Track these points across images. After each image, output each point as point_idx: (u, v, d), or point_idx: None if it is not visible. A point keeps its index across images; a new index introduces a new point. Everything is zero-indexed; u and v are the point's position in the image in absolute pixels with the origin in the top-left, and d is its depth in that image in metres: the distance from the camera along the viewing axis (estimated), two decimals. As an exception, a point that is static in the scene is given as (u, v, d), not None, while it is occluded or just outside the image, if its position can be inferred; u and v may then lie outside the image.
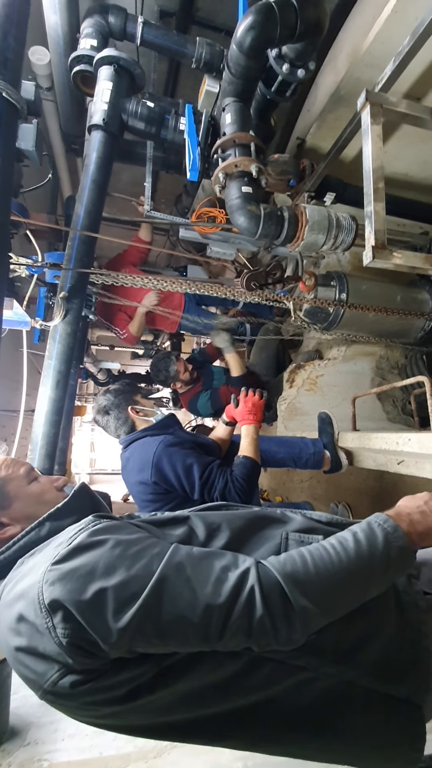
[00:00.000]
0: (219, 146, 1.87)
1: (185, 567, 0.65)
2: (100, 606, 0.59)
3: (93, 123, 2.01)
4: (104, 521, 0.71)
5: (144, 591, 0.60)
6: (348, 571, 0.67)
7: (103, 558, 0.63)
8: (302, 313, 2.47)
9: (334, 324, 2.44)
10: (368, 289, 2.43)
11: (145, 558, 0.65)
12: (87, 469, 9.56)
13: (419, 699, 0.74)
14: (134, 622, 0.59)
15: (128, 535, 0.69)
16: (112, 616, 0.59)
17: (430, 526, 0.75)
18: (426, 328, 2.55)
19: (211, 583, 0.63)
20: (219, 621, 0.61)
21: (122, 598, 0.60)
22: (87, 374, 4.18)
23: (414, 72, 1.88)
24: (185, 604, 0.61)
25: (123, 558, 0.64)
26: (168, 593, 0.61)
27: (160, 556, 0.65)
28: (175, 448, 1.57)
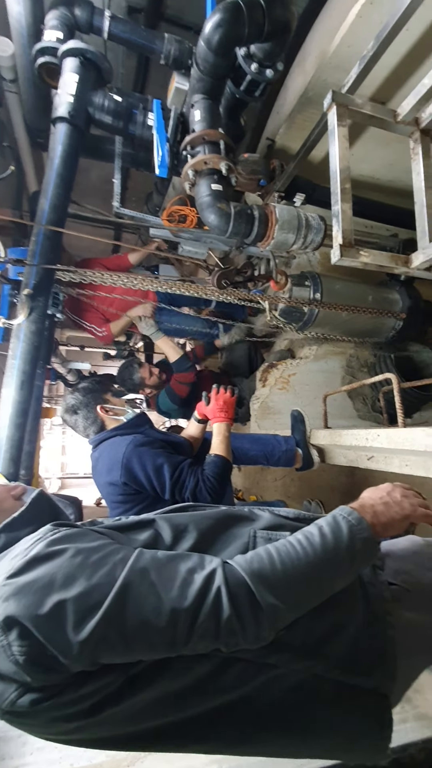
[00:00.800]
0: (188, 143, 1.86)
1: (149, 572, 0.63)
2: (59, 619, 0.56)
3: (58, 115, 1.95)
4: (63, 530, 0.68)
5: (106, 600, 0.58)
6: (314, 565, 0.66)
7: (62, 568, 0.60)
8: (278, 313, 2.48)
9: (309, 323, 2.47)
10: (341, 288, 2.48)
11: (107, 565, 0.62)
12: (58, 473, 9.30)
13: (386, 688, 0.74)
14: (96, 633, 0.56)
15: (89, 542, 0.66)
16: (73, 629, 0.56)
17: (393, 517, 0.76)
18: (397, 327, 2.61)
19: (176, 587, 0.61)
20: (185, 625, 0.59)
21: (83, 609, 0.57)
22: (56, 375, 4.06)
23: (379, 76, 1.93)
24: (150, 609, 0.59)
25: (83, 567, 0.61)
26: (132, 600, 0.59)
27: (124, 562, 0.63)
28: (145, 448, 1.54)
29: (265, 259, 2.87)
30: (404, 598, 0.83)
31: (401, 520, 0.75)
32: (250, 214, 1.88)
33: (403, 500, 0.78)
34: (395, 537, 0.89)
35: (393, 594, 0.82)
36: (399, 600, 0.82)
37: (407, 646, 0.78)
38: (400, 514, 0.76)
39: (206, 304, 3.46)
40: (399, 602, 0.82)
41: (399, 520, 0.75)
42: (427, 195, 1.55)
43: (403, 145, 1.94)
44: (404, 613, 0.82)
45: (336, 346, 2.91)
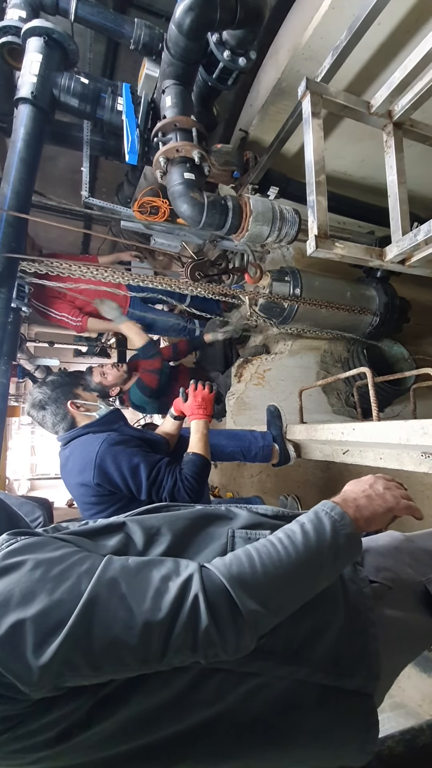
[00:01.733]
0: (159, 129, 1.80)
1: (119, 582, 0.57)
2: (17, 642, 0.50)
3: (20, 96, 1.84)
4: (21, 539, 0.61)
5: (70, 617, 0.52)
6: (297, 565, 0.63)
7: (19, 584, 0.54)
8: (258, 308, 2.46)
9: (289, 319, 2.46)
10: (321, 285, 2.48)
11: (71, 578, 0.56)
12: (27, 474, 8.98)
13: (370, 688, 0.72)
14: (60, 656, 0.50)
15: (51, 552, 0.59)
16: (33, 652, 0.50)
17: (375, 510, 0.73)
18: (374, 323, 2.64)
19: (149, 598, 0.56)
20: (160, 639, 0.54)
21: (44, 630, 0.51)
22: (23, 372, 3.89)
23: (352, 68, 1.92)
24: (120, 625, 0.53)
25: (44, 581, 0.54)
26: (99, 616, 0.53)
27: (90, 574, 0.57)
28: (119, 447, 1.47)
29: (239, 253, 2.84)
30: (385, 596, 0.82)
31: (384, 513, 0.73)
32: (224, 205, 1.84)
33: (386, 492, 0.76)
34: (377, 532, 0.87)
35: (374, 591, 0.80)
36: (380, 598, 0.81)
37: (389, 644, 0.77)
38: (383, 507, 0.73)
39: (181, 300, 3.39)
40: (380, 600, 0.80)
41: (382, 513, 0.73)
42: (400, 189, 1.56)
43: (375, 141, 1.94)
44: (385, 610, 0.80)
45: (311, 342, 2.93)
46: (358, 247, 1.47)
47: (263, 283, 2.34)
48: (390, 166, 1.57)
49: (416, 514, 0.76)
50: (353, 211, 2.73)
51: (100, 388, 2.79)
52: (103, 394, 2.82)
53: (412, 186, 1.72)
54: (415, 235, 1.30)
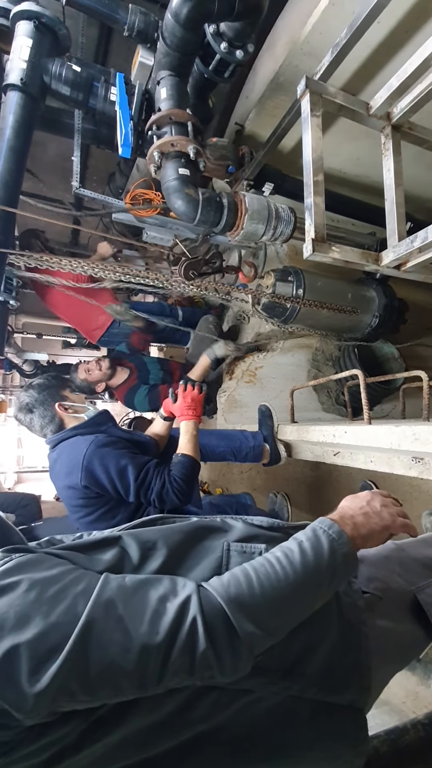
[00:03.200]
0: (154, 122, 1.75)
1: (116, 604, 0.55)
2: (11, 668, 0.48)
3: (9, 82, 1.77)
4: (16, 557, 0.59)
5: (67, 642, 0.50)
6: (295, 586, 0.62)
7: (14, 606, 0.52)
8: (260, 307, 2.45)
9: (291, 318, 2.46)
10: (323, 285, 2.48)
11: (67, 599, 0.54)
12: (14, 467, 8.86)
13: (361, 702, 0.73)
14: (56, 683, 0.49)
15: (46, 571, 0.58)
16: (27, 679, 0.48)
17: (372, 529, 0.73)
18: (373, 324, 2.66)
19: (147, 620, 0.55)
20: (157, 663, 0.53)
21: (39, 655, 0.49)
22: (10, 365, 3.81)
23: (350, 66, 1.89)
24: (117, 649, 0.52)
25: (39, 603, 0.53)
26: (96, 640, 0.52)
27: (86, 595, 0.55)
28: (107, 449, 1.45)
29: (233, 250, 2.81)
30: (377, 606, 0.83)
31: (381, 531, 0.73)
32: (219, 202, 1.81)
33: (383, 510, 0.76)
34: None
35: (366, 603, 0.81)
36: (372, 609, 0.81)
37: (380, 655, 0.78)
38: (380, 525, 0.73)
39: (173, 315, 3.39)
40: (372, 611, 0.81)
41: (379, 531, 0.73)
42: (397, 192, 1.55)
43: (372, 140, 1.92)
44: (377, 621, 0.81)
45: (302, 340, 2.92)
46: (354, 251, 1.46)
47: (266, 283, 2.33)
48: (387, 168, 1.55)
49: (411, 532, 0.77)
50: (347, 210, 2.71)
51: (86, 385, 2.76)
52: (89, 390, 2.80)
53: (407, 186, 1.71)
54: (411, 241, 1.29)
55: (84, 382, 2.77)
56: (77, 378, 2.78)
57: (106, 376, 2.82)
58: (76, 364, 2.90)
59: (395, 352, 2.91)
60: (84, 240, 4.45)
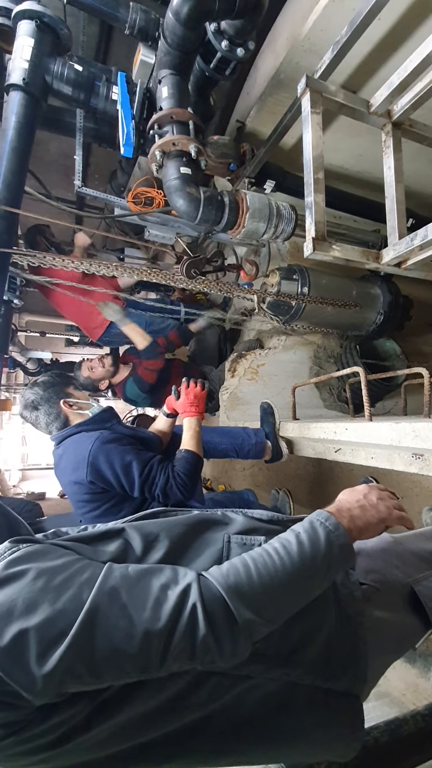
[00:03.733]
0: (155, 121, 1.76)
1: (120, 592, 0.58)
2: (21, 651, 0.51)
3: (11, 82, 1.78)
4: (24, 547, 0.62)
5: (73, 627, 0.53)
6: (292, 575, 0.65)
7: (22, 593, 0.55)
8: (265, 306, 2.46)
9: (296, 316, 2.48)
10: (327, 283, 2.49)
11: (72, 587, 0.57)
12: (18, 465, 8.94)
13: (357, 689, 0.75)
14: (63, 665, 0.51)
15: (53, 561, 0.60)
16: (36, 661, 0.51)
17: (369, 521, 0.75)
18: (378, 321, 2.66)
19: (149, 607, 0.57)
20: (159, 647, 0.56)
21: (47, 639, 0.52)
22: (14, 364, 3.85)
23: (351, 63, 1.89)
24: (121, 634, 0.55)
25: (46, 591, 0.56)
26: (101, 625, 0.55)
27: (91, 583, 0.58)
28: (112, 445, 1.47)
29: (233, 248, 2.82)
30: (374, 598, 0.84)
31: (377, 523, 0.75)
32: (221, 201, 1.82)
33: (379, 503, 0.77)
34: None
35: (363, 594, 0.83)
36: (369, 600, 0.83)
37: (378, 645, 0.80)
38: (376, 517, 0.75)
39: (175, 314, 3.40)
40: (369, 602, 0.83)
41: (375, 523, 0.75)
42: (398, 189, 1.55)
43: (374, 136, 1.93)
44: (374, 612, 0.83)
45: (304, 337, 2.93)
46: (355, 249, 1.47)
47: (271, 281, 2.34)
48: (388, 166, 1.56)
49: (407, 525, 0.78)
50: (349, 207, 2.71)
51: (89, 383, 2.78)
52: (93, 388, 2.82)
53: (407, 182, 1.72)
54: (411, 239, 1.30)
55: (87, 379, 2.79)
56: (81, 375, 2.80)
57: (109, 373, 2.84)
58: (79, 362, 2.92)
59: (397, 349, 2.91)
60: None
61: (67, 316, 3.27)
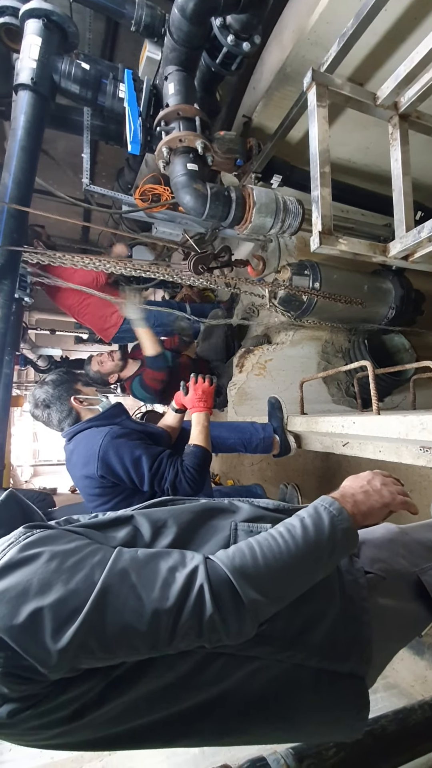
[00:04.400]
0: (162, 118, 1.77)
1: (130, 573, 0.61)
2: (36, 628, 0.54)
3: (20, 82, 1.80)
4: (37, 532, 0.65)
5: (85, 606, 0.56)
6: (296, 558, 0.66)
7: (37, 574, 0.57)
8: (277, 301, 2.47)
9: (308, 311, 2.48)
10: (339, 278, 2.48)
11: (84, 569, 0.59)
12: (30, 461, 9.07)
13: (362, 672, 0.77)
14: (76, 641, 0.54)
15: (65, 544, 0.63)
16: (51, 637, 0.54)
17: (372, 506, 0.76)
18: (389, 316, 2.66)
19: (158, 587, 0.60)
20: (168, 625, 0.58)
21: (61, 617, 0.55)
22: (26, 361, 3.90)
23: (358, 55, 1.88)
24: (131, 613, 0.57)
25: (60, 572, 0.58)
26: (112, 604, 0.57)
27: (102, 565, 0.61)
28: (122, 440, 1.50)
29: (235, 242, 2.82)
30: (380, 586, 0.86)
31: (381, 508, 0.76)
32: (228, 196, 1.82)
33: (383, 488, 0.79)
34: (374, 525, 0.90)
35: (369, 582, 0.84)
36: (375, 587, 0.85)
37: (382, 631, 0.81)
38: (380, 502, 0.77)
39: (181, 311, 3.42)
40: (375, 589, 0.84)
41: (379, 508, 0.76)
42: (405, 181, 1.55)
43: (381, 129, 1.91)
44: (379, 599, 0.84)
45: (312, 332, 2.93)
46: (362, 243, 1.47)
47: (283, 277, 2.35)
48: (395, 158, 1.55)
49: (411, 510, 0.80)
50: (357, 200, 2.69)
51: (98, 377, 2.82)
52: (102, 382, 2.85)
53: (415, 175, 1.70)
54: (419, 232, 1.30)
55: (97, 373, 2.83)
56: (90, 370, 2.83)
57: (118, 367, 2.87)
58: (89, 357, 2.96)
59: (406, 343, 2.89)
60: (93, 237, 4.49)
61: (78, 319, 3.29)
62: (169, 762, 1.30)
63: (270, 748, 1.12)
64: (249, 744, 0.79)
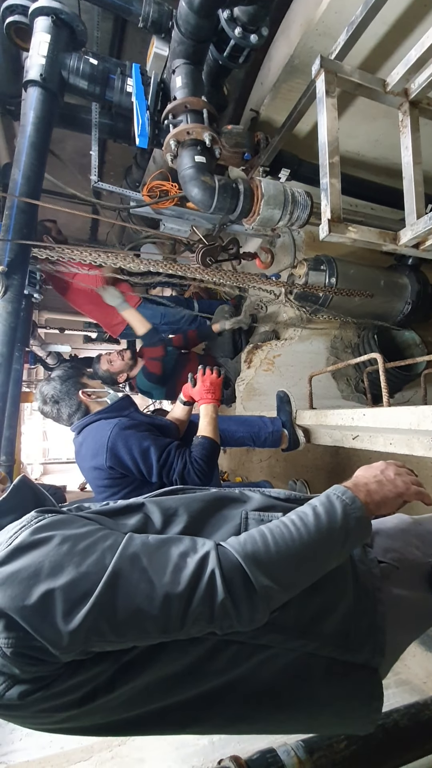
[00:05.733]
0: (170, 111, 1.77)
1: (141, 557, 0.60)
2: (47, 609, 0.54)
3: (29, 78, 1.82)
4: (49, 516, 0.65)
5: (96, 588, 0.55)
6: (308, 545, 0.65)
7: (48, 557, 0.57)
8: (292, 297, 2.47)
9: (324, 307, 2.47)
10: (355, 273, 2.47)
11: (96, 552, 0.59)
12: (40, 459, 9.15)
13: (375, 662, 0.75)
14: (87, 623, 0.54)
15: (76, 529, 0.63)
16: (62, 619, 0.54)
17: (386, 495, 0.75)
18: (405, 311, 2.64)
19: (169, 572, 0.59)
20: (179, 610, 0.58)
21: (72, 599, 0.55)
22: (35, 359, 3.94)
23: (367, 44, 1.86)
24: (142, 596, 0.57)
25: (71, 555, 0.58)
26: (123, 587, 0.57)
27: (113, 549, 0.60)
28: (130, 431, 1.50)
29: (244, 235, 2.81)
30: (393, 576, 0.84)
31: (394, 498, 0.75)
32: (236, 188, 1.82)
33: (397, 478, 0.77)
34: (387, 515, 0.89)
35: (382, 571, 0.83)
36: (388, 577, 0.83)
37: (395, 622, 0.79)
38: (394, 492, 0.75)
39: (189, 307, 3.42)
40: (388, 579, 0.83)
41: (392, 498, 0.75)
42: (415, 170, 1.52)
43: (390, 120, 1.89)
44: (393, 589, 0.83)
45: (320, 327, 2.91)
46: (371, 230, 1.45)
47: (299, 272, 2.34)
48: (405, 146, 1.53)
49: (426, 500, 0.78)
50: (366, 193, 2.67)
51: (108, 376, 2.83)
52: (111, 381, 2.87)
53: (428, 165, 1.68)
54: (430, 218, 1.28)
55: (106, 372, 2.84)
56: (99, 369, 2.85)
57: (128, 366, 2.88)
58: (98, 356, 2.98)
59: (417, 338, 2.85)
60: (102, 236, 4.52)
61: (87, 314, 3.33)
62: (179, 753, 1.30)
63: (281, 740, 1.11)
64: (262, 733, 0.78)
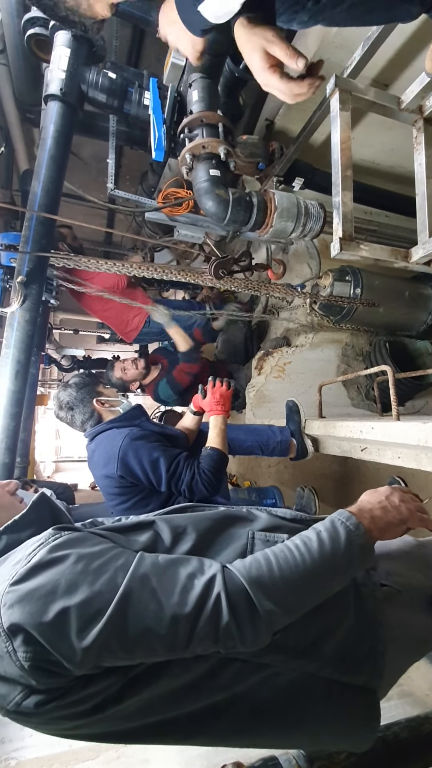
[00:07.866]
0: (186, 125, 1.79)
1: (150, 578, 0.64)
2: (63, 626, 0.57)
3: (50, 93, 1.87)
4: (65, 534, 0.68)
5: (109, 607, 0.59)
6: (311, 571, 0.68)
7: (64, 575, 0.61)
8: (317, 307, 2.49)
9: (348, 317, 2.48)
10: (380, 284, 2.48)
11: (108, 572, 0.63)
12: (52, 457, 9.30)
13: (374, 685, 0.77)
14: (100, 640, 0.57)
15: (91, 547, 0.67)
16: (76, 636, 0.57)
17: (390, 522, 0.76)
18: (428, 321, 2.64)
19: (177, 593, 0.62)
20: (186, 630, 0.61)
21: (86, 616, 0.58)
22: (50, 360, 4.02)
23: (383, 57, 1.86)
24: (151, 616, 0.60)
25: (86, 573, 0.62)
26: (133, 607, 0.60)
27: (125, 569, 0.64)
28: (141, 442, 1.54)
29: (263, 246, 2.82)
30: (395, 599, 0.86)
31: (398, 525, 0.76)
32: (249, 201, 1.84)
33: (401, 505, 0.78)
34: (390, 540, 0.91)
35: (384, 595, 0.84)
36: (390, 601, 0.85)
37: (395, 645, 0.81)
38: (398, 518, 0.77)
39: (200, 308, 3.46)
40: (390, 603, 0.85)
41: (396, 525, 0.76)
42: (429, 186, 1.52)
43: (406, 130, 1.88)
44: (394, 613, 0.84)
45: (332, 334, 2.91)
46: (383, 248, 1.46)
47: (324, 282, 2.36)
48: (419, 162, 1.53)
49: (429, 527, 0.80)
50: (380, 202, 2.66)
51: (121, 383, 2.88)
52: (124, 388, 2.92)
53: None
54: (441, 238, 1.28)
55: (119, 380, 2.90)
56: (113, 376, 2.90)
57: (141, 375, 2.94)
58: (111, 362, 3.03)
59: (429, 347, 2.84)
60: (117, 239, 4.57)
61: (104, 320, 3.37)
62: (182, 755, 1.33)
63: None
64: (263, 747, 0.81)
